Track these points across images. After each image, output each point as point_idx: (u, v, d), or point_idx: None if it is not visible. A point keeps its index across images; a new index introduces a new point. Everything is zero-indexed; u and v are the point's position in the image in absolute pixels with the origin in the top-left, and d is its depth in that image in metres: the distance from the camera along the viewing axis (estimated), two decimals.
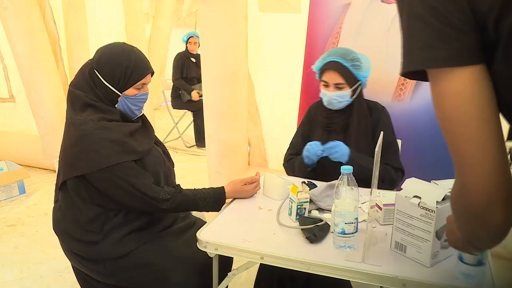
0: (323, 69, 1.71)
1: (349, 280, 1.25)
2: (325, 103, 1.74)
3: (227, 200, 1.58)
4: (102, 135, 1.36)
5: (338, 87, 1.68)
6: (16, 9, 3.37)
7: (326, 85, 1.71)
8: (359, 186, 1.34)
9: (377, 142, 1.56)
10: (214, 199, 1.53)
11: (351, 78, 1.68)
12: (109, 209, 1.43)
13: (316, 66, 1.75)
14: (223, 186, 1.58)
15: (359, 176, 1.33)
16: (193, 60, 4.83)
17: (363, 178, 1.39)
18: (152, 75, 1.51)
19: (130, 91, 1.46)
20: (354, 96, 1.71)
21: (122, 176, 1.37)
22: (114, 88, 1.43)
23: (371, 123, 1.73)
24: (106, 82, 1.42)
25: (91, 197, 1.42)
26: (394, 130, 1.76)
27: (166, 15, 7.00)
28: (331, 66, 1.68)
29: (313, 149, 1.69)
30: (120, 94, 1.44)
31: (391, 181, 1.68)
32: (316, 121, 1.83)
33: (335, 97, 1.69)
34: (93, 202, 1.42)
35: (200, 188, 1.56)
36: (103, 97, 1.44)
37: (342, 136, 1.72)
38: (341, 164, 1.38)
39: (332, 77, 1.68)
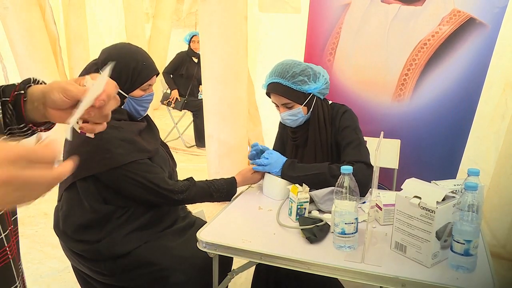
0: (268, 91, 1.64)
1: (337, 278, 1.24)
2: (283, 123, 1.69)
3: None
4: (112, 134, 1.35)
5: (287, 106, 1.61)
6: (16, 9, 3.37)
7: (277, 105, 1.65)
8: (310, 190, 1.43)
9: (342, 149, 1.59)
10: (227, 190, 1.58)
11: (297, 96, 1.58)
12: (118, 206, 1.43)
13: (264, 86, 1.67)
14: (234, 177, 1.62)
15: (307, 183, 1.43)
16: (195, 59, 4.83)
17: (311, 183, 1.46)
18: (157, 76, 1.51)
19: (137, 92, 1.45)
20: (310, 110, 1.62)
21: (136, 172, 1.38)
22: (121, 89, 1.42)
23: (333, 132, 1.64)
24: None
25: (102, 196, 1.42)
26: (360, 130, 1.63)
27: (166, 15, 6.99)
28: (272, 88, 1.60)
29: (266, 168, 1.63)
30: (127, 96, 1.44)
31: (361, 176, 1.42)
32: (287, 134, 1.78)
33: (288, 116, 1.62)
34: (103, 200, 1.42)
35: (211, 179, 1.58)
36: None
37: (306, 149, 1.68)
38: None
39: (277, 99, 1.61)
